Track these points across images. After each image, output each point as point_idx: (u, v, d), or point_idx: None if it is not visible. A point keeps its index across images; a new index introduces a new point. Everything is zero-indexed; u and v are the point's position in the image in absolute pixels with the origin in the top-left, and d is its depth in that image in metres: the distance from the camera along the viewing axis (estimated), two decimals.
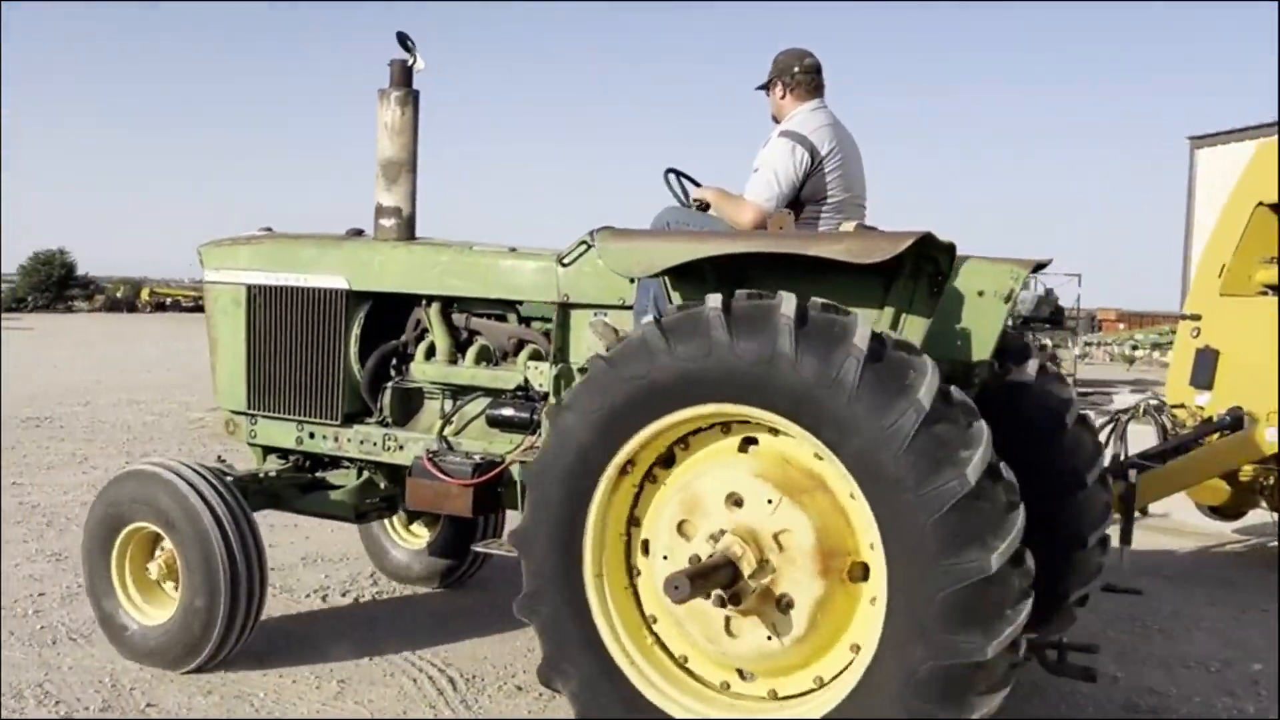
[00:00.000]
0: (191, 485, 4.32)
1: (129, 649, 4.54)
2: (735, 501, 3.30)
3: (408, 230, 4.78)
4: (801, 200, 4.32)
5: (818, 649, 3.26)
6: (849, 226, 3.97)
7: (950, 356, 3.79)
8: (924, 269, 3.49)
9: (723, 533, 3.28)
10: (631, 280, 3.99)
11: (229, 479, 4.51)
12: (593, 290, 4.21)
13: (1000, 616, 2.90)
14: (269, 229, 5.16)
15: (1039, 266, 4.08)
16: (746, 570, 3.22)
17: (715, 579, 3.20)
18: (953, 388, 3.05)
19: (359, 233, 4.98)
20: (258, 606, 4.42)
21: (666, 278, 3.68)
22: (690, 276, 3.61)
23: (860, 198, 4.47)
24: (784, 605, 3.23)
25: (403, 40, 4.60)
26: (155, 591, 4.57)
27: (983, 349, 3.84)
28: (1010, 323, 4.20)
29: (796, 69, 4.47)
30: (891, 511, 2.98)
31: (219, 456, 5.08)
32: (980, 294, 3.87)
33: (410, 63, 4.63)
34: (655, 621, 3.51)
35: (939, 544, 2.89)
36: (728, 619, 3.28)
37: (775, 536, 3.22)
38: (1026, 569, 2.99)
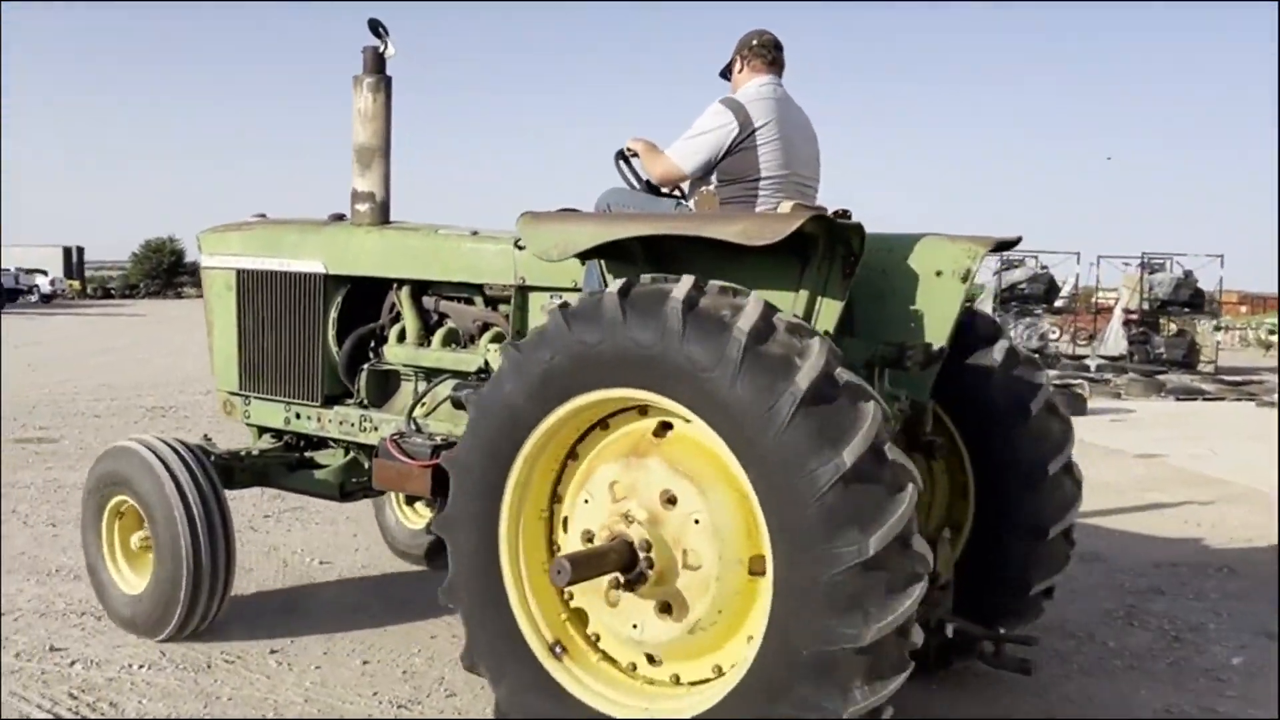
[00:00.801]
0: (164, 462, 4.49)
1: (114, 616, 4.80)
2: (636, 489, 3.30)
3: (382, 215, 4.85)
4: (734, 175, 4.19)
5: (718, 638, 3.25)
6: (786, 206, 3.84)
7: (905, 338, 3.78)
8: (837, 251, 3.48)
9: (624, 517, 3.29)
10: (582, 263, 3.94)
11: (207, 457, 4.68)
12: (547, 273, 4.16)
13: (881, 601, 2.84)
14: (263, 215, 5.33)
15: (1004, 245, 4.02)
16: (644, 556, 3.23)
17: (604, 564, 3.23)
18: (840, 369, 2.97)
19: (340, 218, 5.04)
20: (224, 582, 4.56)
21: (601, 260, 3.76)
22: (622, 258, 3.66)
23: (805, 177, 4.32)
24: (683, 593, 3.22)
25: (374, 27, 4.63)
26: (137, 562, 4.76)
27: (940, 329, 3.80)
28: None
29: (755, 42, 4.38)
30: (774, 496, 2.95)
31: (205, 435, 5.19)
32: (939, 274, 3.83)
33: (382, 49, 4.67)
34: (572, 599, 3.52)
35: (817, 528, 2.86)
36: (631, 603, 3.29)
37: (678, 524, 3.21)
38: (915, 553, 2.92)
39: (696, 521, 3.17)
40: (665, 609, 3.26)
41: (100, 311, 37.55)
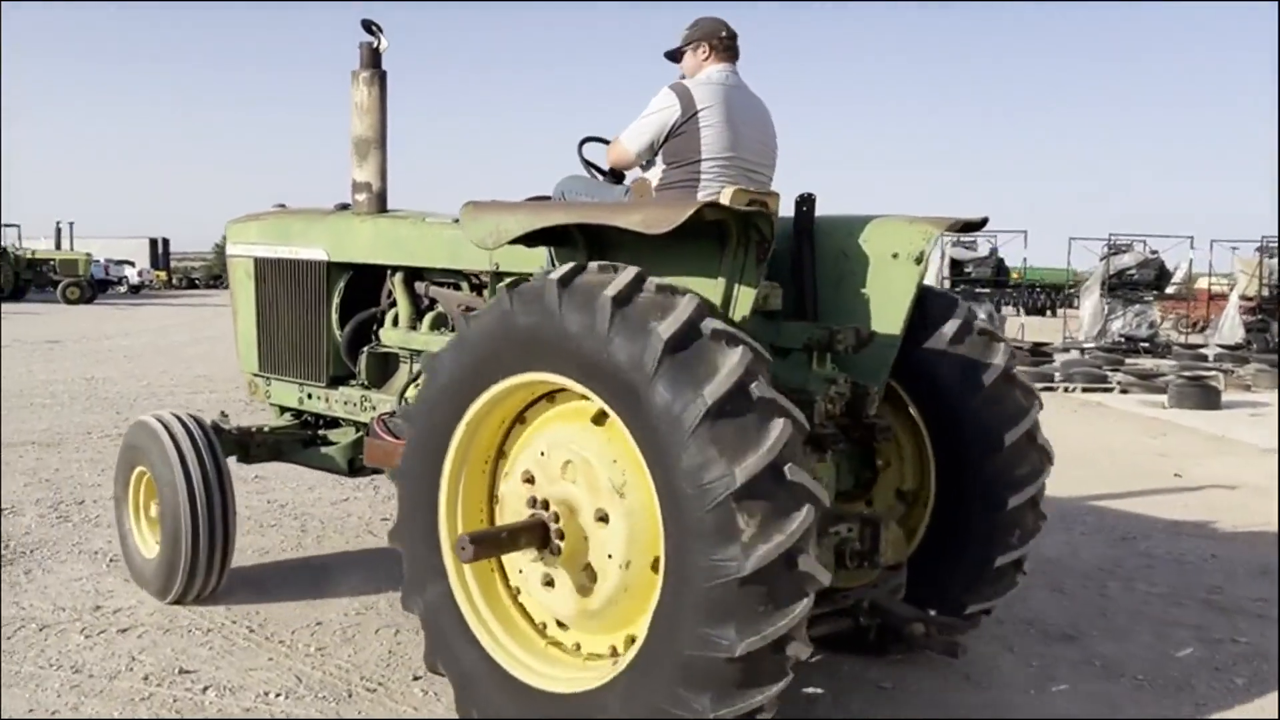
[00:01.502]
0: (171, 435, 4.79)
1: (136, 578, 5.15)
2: (563, 470, 3.42)
3: (379, 204, 5.01)
4: (677, 158, 4.23)
5: (618, 622, 3.33)
6: (728, 191, 3.78)
7: (860, 320, 3.91)
8: (751, 238, 3.54)
9: (537, 500, 3.45)
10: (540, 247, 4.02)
11: (215, 432, 4.98)
12: (520, 260, 4.20)
13: (757, 616, 2.89)
14: (282, 205, 5.56)
15: (970, 226, 4.07)
16: (557, 534, 3.38)
17: (512, 544, 3.43)
18: (757, 384, 2.98)
19: (345, 207, 5.19)
20: (222, 551, 4.81)
21: (551, 248, 3.95)
22: (569, 244, 3.82)
23: (751, 161, 4.30)
24: (590, 575, 3.34)
25: (368, 26, 4.80)
26: (155, 529, 5.00)
27: (895, 311, 3.89)
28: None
29: (723, 33, 4.40)
30: (670, 500, 3.01)
31: (221, 412, 5.54)
32: (895, 256, 3.91)
33: (376, 45, 4.80)
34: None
35: (702, 537, 2.92)
36: (543, 571, 3.45)
37: (594, 511, 3.31)
38: (802, 573, 2.94)
39: (611, 512, 3.27)
40: (574, 584, 3.39)
41: (186, 302, 38.08)
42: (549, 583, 3.45)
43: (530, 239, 3.73)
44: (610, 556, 3.26)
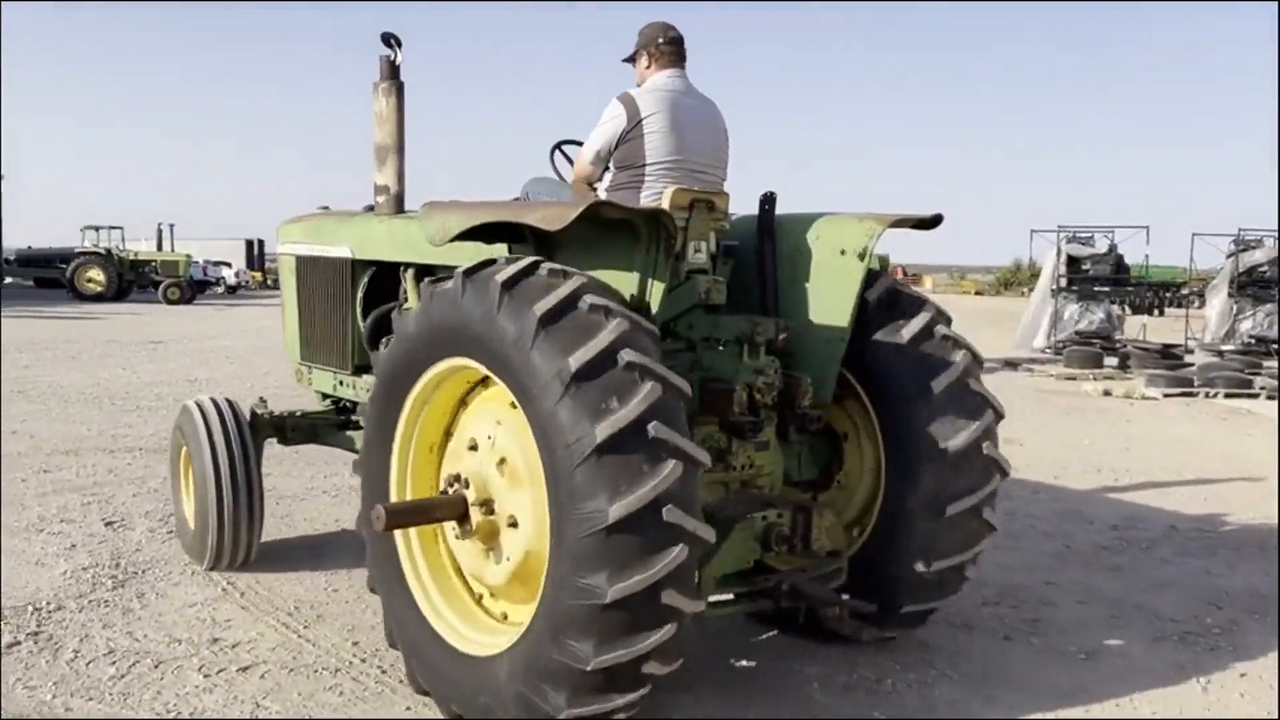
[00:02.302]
0: (204, 417, 5.24)
1: (185, 547, 5.58)
2: (472, 448, 3.67)
3: (396, 205, 5.16)
4: (625, 163, 4.41)
5: (535, 590, 3.37)
6: (669, 192, 4.04)
7: (806, 316, 4.16)
8: (659, 236, 3.71)
9: (458, 476, 3.68)
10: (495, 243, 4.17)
11: (252, 416, 5.46)
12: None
13: (626, 565, 3.03)
14: (326, 207, 5.84)
15: (924, 224, 4.15)
16: (476, 510, 3.60)
17: (428, 515, 3.70)
18: (627, 349, 3.13)
19: (371, 209, 5.36)
20: (248, 523, 5.24)
21: (509, 244, 4.06)
22: (523, 243, 3.96)
23: (699, 163, 4.44)
24: (505, 546, 3.55)
25: (387, 40, 4.92)
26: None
27: (841, 306, 4.07)
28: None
29: (661, 40, 4.54)
30: (549, 463, 3.18)
31: (260, 398, 5.82)
32: (842, 252, 4.09)
33: (394, 59, 4.94)
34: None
35: (571, 495, 3.09)
36: (470, 544, 3.68)
37: (507, 486, 3.52)
38: (669, 523, 3.05)
39: (516, 486, 3.49)
40: (492, 555, 3.63)
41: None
42: (475, 554, 3.70)
43: (483, 236, 3.90)
44: (515, 526, 3.50)
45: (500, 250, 4.04)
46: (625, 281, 3.73)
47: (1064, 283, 21.24)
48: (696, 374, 3.99)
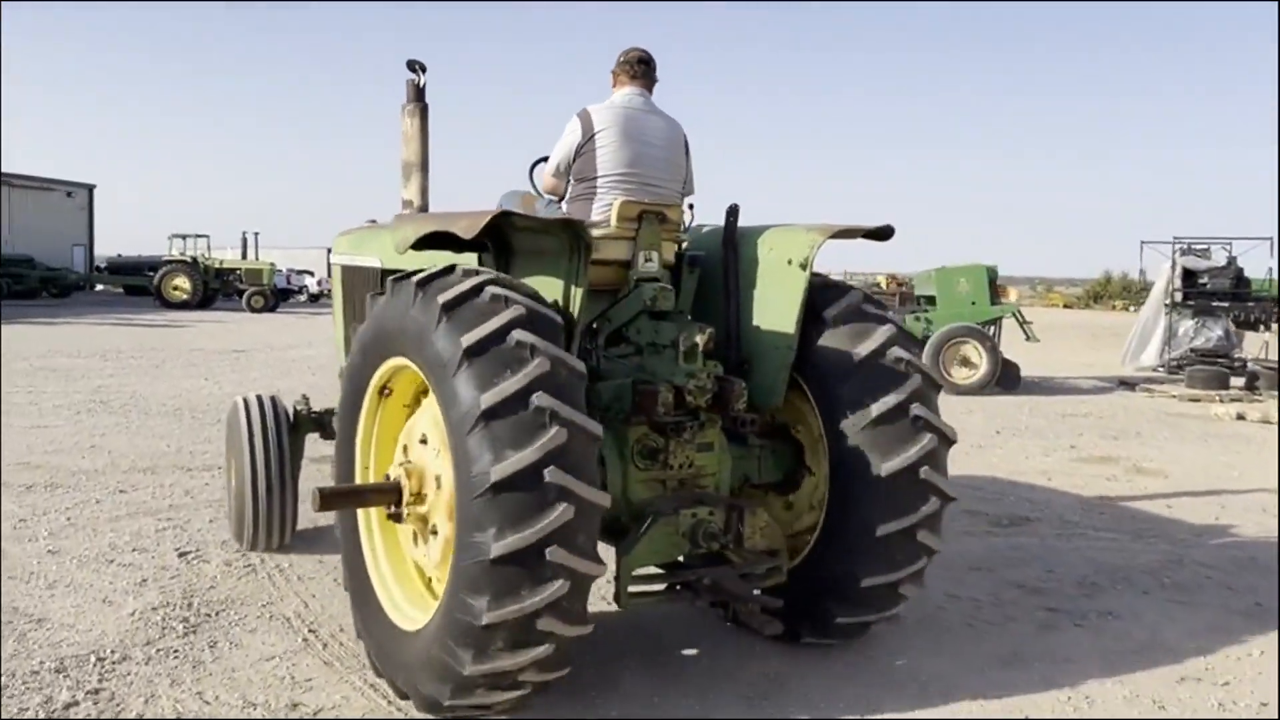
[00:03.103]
0: (246, 411, 5.61)
1: (233, 532, 5.94)
2: (421, 440, 3.91)
3: None
4: (580, 175, 4.63)
5: None
6: (616, 203, 4.38)
7: (759, 324, 4.37)
8: (577, 244, 3.90)
9: (402, 464, 3.95)
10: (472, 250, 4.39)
11: (286, 411, 5.79)
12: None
13: (511, 523, 3.24)
14: (373, 220, 5.99)
15: (876, 234, 4.30)
16: (406, 499, 3.87)
17: (361, 500, 4.03)
18: (520, 330, 3.39)
19: None
20: (280, 509, 5.64)
21: (477, 253, 4.31)
22: (485, 250, 4.30)
23: (650, 176, 4.62)
24: (432, 533, 3.82)
25: (412, 66, 5.07)
26: None
27: (789, 314, 4.24)
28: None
29: (623, 59, 4.79)
30: (449, 435, 3.45)
31: (303, 395, 6.10)
32: (789, 262, 4.26)
33: (419, 82, 5.09)
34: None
35: (463, 458, 3.35)
36: (407, 531, 4.06)
37: (435, 478, 3.77)
38: (555, 486, 3.25)
39: (443, 479, 3.70)
40: (423, 541, 3.92)
41: None
42: (411, 539, 4.02)
43: (448, 245, 4.03)
44: (438, 510, 3.77)
45: (469, 258, 4.27)
46: (550, 285, 3.96)
47: (1179, 298, 20.00)
48: (634, 377, 4.21)
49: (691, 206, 4.97)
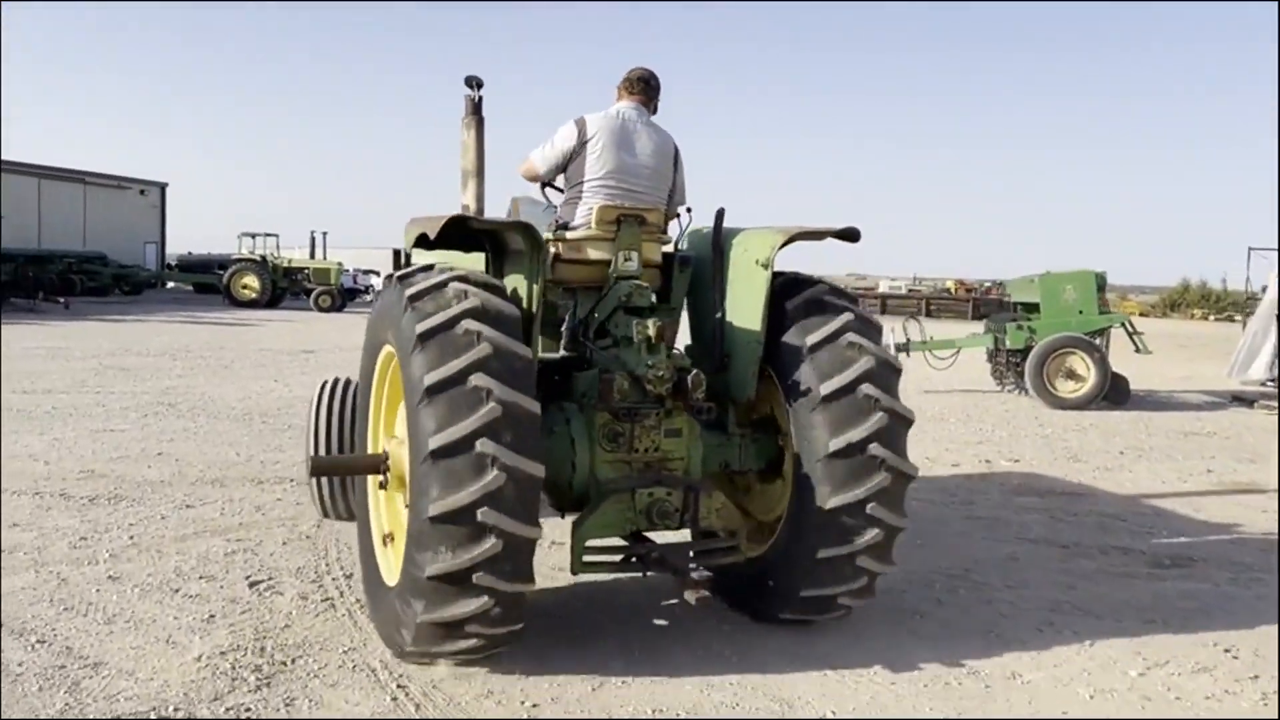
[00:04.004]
0: (320, 391, 5.45)
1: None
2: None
3: None
4: (572, 179, 4.96)
5: None
6: (596, 207, 4.77)
7: (735, 320, 4.70)
8: (532, 245, 4.36)
9: (394, 438, 4.45)
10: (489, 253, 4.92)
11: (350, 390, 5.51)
12: None
13: (446, 487, 3.66)
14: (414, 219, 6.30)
15: (843, 235, 4.62)
16: (392, 468, 4.37)
17: (349, 468, 4.64)
18: (469, 320, 3.82)
19: None
20: (342, 484, 5.22)
21: (484, 252, 4.84)
22: (481, 248, 4.84)
23: (633, 181, 4.90)
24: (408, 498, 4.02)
25: (469, 82, 5.01)
26: None
27: (755, 312, 4.57)
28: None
29: (626, 76, 5.15)
30: (411, 448, 3.84)
31: None
32: (757, 262, 4.58)
33: (475, 97, 5.04)
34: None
35: (415, 430, 3.77)
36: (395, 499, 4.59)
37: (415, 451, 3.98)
38: (487, 455, 3.66)
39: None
40: (399, 506, 4.40)
41: None
42: (398, 505, 4.41)
43: (455, 244, 4.69)
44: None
45: (478, 257, 4.85)
46: (518, 280, 4.48)
47: None
48: (609, 367, 4.59)
49: (689, 210, 5.24)
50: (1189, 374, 20.23)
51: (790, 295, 4.60)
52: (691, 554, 4.50)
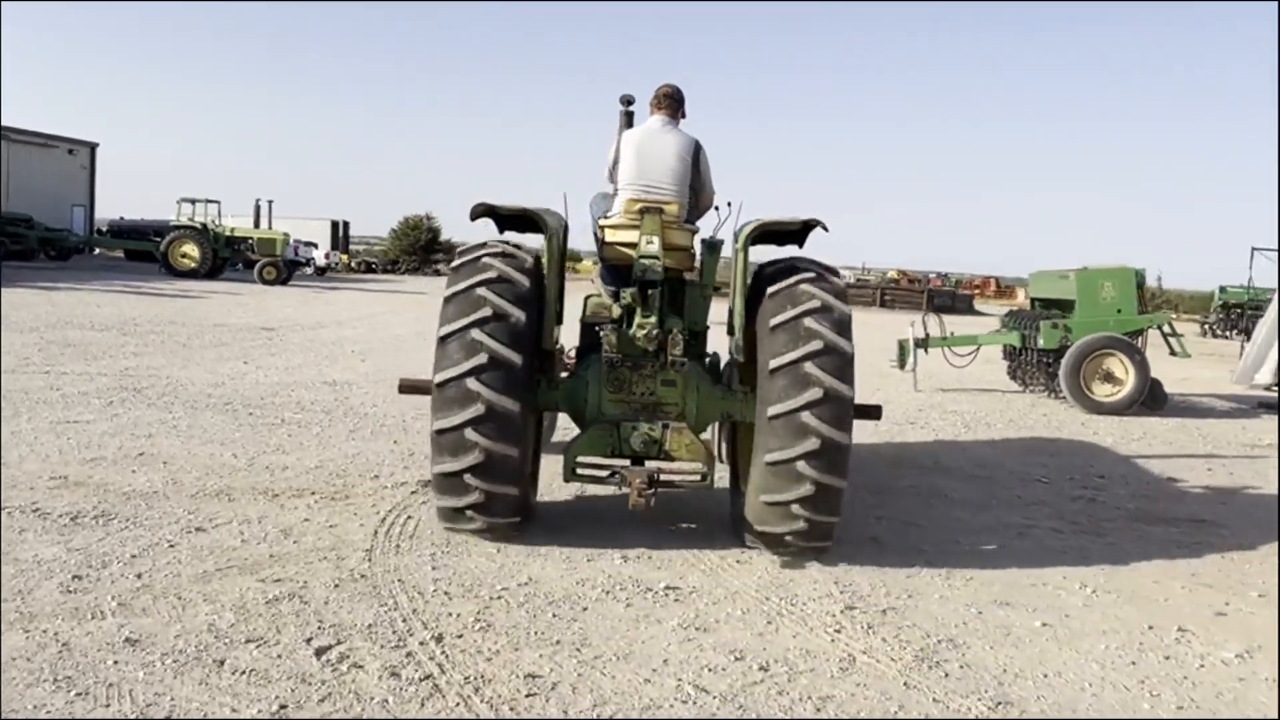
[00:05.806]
0: None
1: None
2: None
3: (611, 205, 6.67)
4: (617, 182, 6.14)
5: None
6: (622, 199, 6.01)
7: (732, 300, 5.78)
8: (546, 229, 5.60)
9: None
10: (501, 229, 6.02)
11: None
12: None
13: (445, 411, 5.03)
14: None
15: (809, 226, 5.75)
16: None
17: (423, 389, 5.53)
18: (485, 289, 5.14)
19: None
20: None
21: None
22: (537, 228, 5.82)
23: (653, 182, 5.99)
24: None
25: (623, 100, 6.55)
26: None
27: (740, 293, 5.64)
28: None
29: (654, 94, 6.26)
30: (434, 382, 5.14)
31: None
32: (743, 249, 5.59)
33: (630, 111, 6.53)
34: None
35: (433, 409, 5.09)
36: None
37: None
38: (473, 391, 4.98)
39: None
40: None
41: (375, 287, 36.60)
42: None
43: (515, 225, 5.83)
44: None
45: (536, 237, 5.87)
46: (545, 253, 5.65)
47: None
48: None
49: (730, 204, 6.21)
50: (1186, 375, 19.72)
51: (773, 280, 5.43)
52: (657, 478, 5.35)
